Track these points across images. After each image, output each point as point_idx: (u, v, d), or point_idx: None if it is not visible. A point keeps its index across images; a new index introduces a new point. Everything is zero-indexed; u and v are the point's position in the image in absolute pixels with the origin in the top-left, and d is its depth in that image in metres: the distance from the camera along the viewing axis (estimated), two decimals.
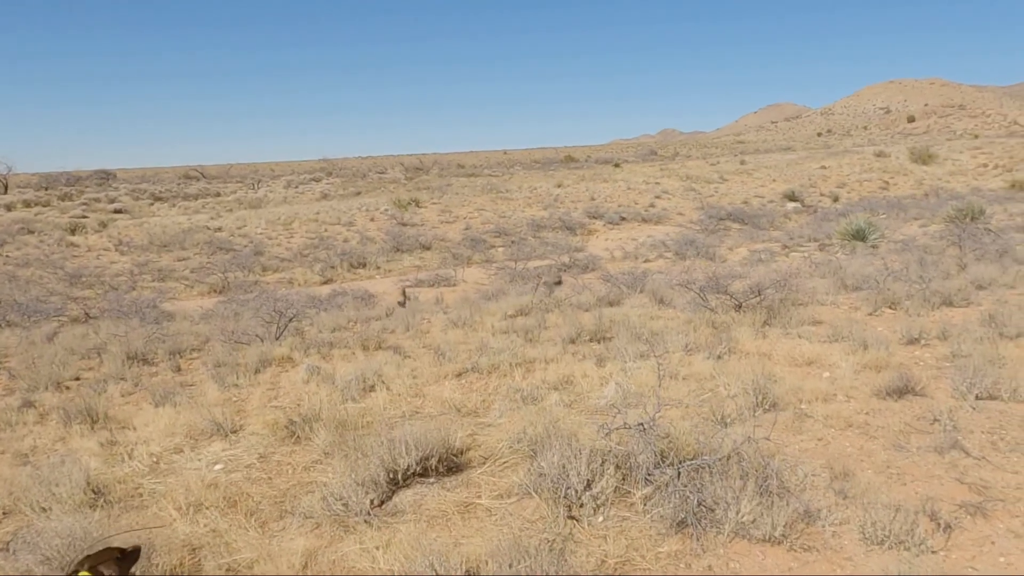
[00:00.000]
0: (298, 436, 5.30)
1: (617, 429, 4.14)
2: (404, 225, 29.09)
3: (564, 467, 3.94)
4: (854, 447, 4.52)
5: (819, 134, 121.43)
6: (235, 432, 5.61)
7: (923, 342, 7.10)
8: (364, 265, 23.16)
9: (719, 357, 6.79)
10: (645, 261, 19.71)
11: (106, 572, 3.20)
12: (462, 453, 4.75)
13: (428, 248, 25.90)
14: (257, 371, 7.80)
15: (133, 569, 3.36)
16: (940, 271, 11.49)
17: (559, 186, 38.23)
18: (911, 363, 6.38)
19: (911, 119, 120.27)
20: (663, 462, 3.95)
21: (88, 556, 3.25)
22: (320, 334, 10.53)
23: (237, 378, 7.35)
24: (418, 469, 4.35)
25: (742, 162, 47.30)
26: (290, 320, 9.73)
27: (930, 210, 24.40)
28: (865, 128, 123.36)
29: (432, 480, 4.34)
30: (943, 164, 42.04)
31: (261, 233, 28.22)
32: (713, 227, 26.41)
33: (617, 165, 53.35)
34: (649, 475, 3.91)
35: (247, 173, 65.20)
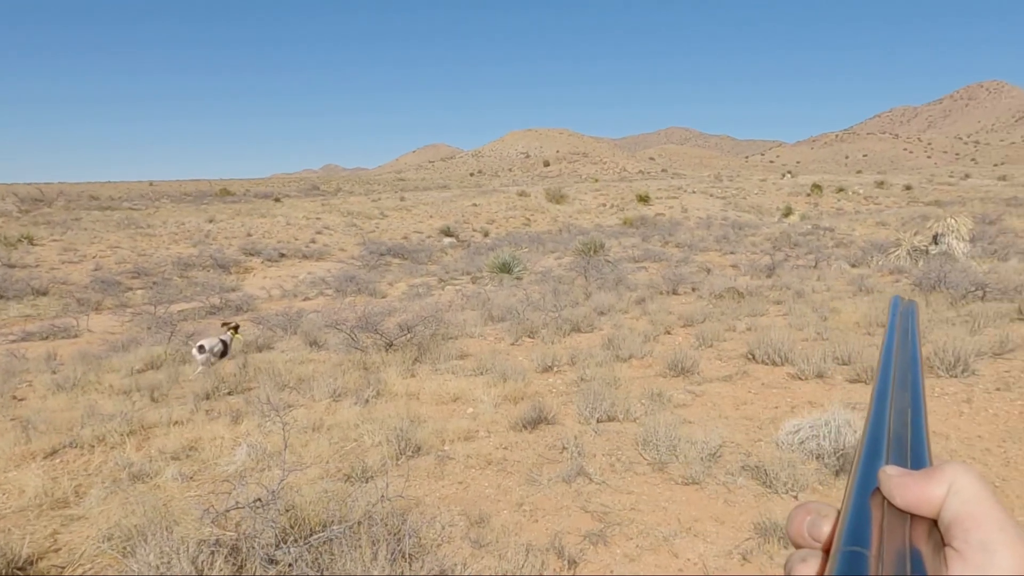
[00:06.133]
0: None
1: (227, 511, 3.52)
2: (11, 267, 24.21)
3: (161, 567, 3.20)
4: (492, 486, 4.48)
5: (471, 174, 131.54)
6: None
7: (555, 369, 7.61)
8: None
9: (367, 402, 6.48)
10: (304, 299, 18.88)
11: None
12: (33, 563, 3.69)
13: (44, 293, 21.78)
14: None
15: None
16: (570, 300, 12.73)
17: (211, 221, 35.41)
18: (546, 391, 6.74)
19: (546, 163, 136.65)
20: (287, 540, 3.43)
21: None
22: None
23: None
24: None
25: (402, 199, 48.74)
26: None
27: (563, 244, 27.46)
28: (510, 170, 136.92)
29: None
30: (572, 203, 48.04)
31: None
32: (374, 262, 26.47)
33: (278, 200, 51.36)
34: (271, 558, 3.36)
35: None
